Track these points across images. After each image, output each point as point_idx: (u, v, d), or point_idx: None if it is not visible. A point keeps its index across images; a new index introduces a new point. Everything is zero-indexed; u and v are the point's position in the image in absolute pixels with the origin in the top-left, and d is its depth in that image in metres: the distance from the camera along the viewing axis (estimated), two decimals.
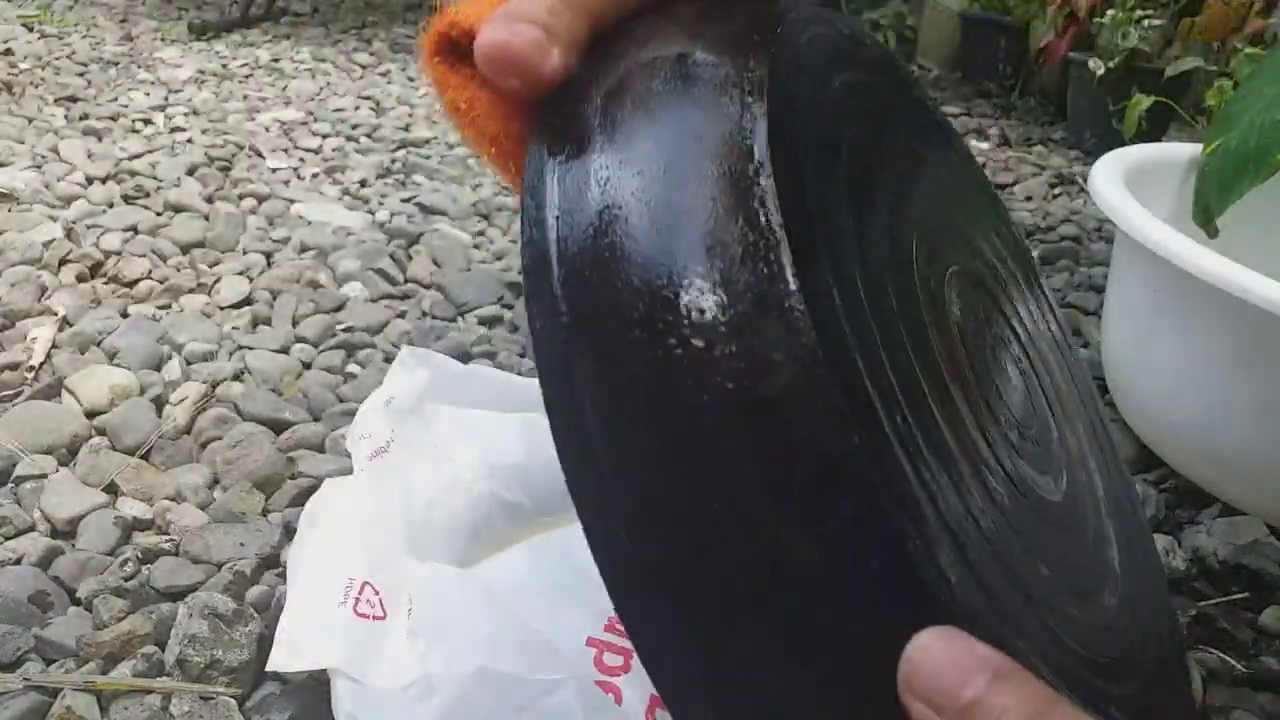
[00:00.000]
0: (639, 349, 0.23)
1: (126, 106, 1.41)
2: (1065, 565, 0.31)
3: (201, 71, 1.62)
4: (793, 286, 0.22)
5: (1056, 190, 1.49)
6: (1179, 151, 0.90)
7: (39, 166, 1.15)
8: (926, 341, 0.29)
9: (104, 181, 1.14)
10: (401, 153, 1.35)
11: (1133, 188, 0.77)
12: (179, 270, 0.96)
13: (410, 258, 1.04)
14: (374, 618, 0.47)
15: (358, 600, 0.47)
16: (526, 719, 0.42)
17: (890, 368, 0.25)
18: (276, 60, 1.74)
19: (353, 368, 0.84)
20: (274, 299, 0.92)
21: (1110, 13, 1.68)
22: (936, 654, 0.22)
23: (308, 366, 0.83)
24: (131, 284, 0.93)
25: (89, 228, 1.02)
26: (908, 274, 0.31)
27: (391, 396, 0.62)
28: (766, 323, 0.22)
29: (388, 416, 0.60)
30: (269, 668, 0.47)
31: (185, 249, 1.00)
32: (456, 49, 0.29)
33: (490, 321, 0.93)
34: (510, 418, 0.62)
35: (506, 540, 0.55)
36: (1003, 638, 0.23)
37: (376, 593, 0.48)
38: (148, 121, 1.36)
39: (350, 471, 0.67)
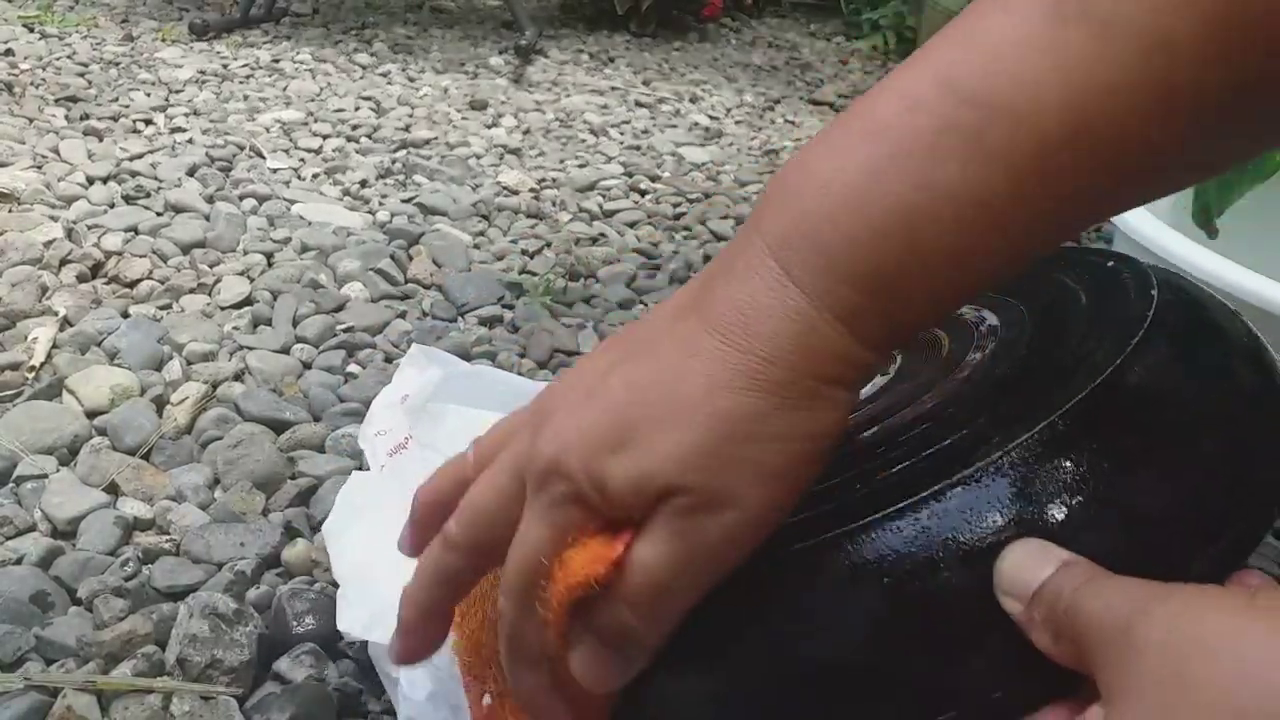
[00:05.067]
0: None
1: (127, 107, 1.41)
2: None
3: (202, 72, 1.62)
4: None
5: None
6: None
7: (40, 167, 1.15)
8: None
9: (105, 182, 1.14)
10: (402, 153, 1.35)
11: None
12: (179, 270, 0.96)
13: (410, 258, 1.04)
14: None
15: None
16: None
17: None
18: (277, 61, 1.74)
19: (353, 368, 0.84)
20: (274, 299, 0.92)
21: None
22: (1016, 556, 0.28)
23: (308, 366, 0.83)
24: (132, 284, 0.93)
25: (90, 228, 1.02)
26: None
27: (406, 394, 0.63)
28: None
29: (404, 413, 0.61)
30: (339, 626, 0.49)
31: (186, 249, 1.00)
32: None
33: (490, 322, 0.93)
34: None
35: None
36: None
37: None
38: (148, 122, 1.36)
39: (351, 470, 0.67)
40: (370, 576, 0.51)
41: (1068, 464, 0.29)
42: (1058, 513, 0.28)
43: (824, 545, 0.30)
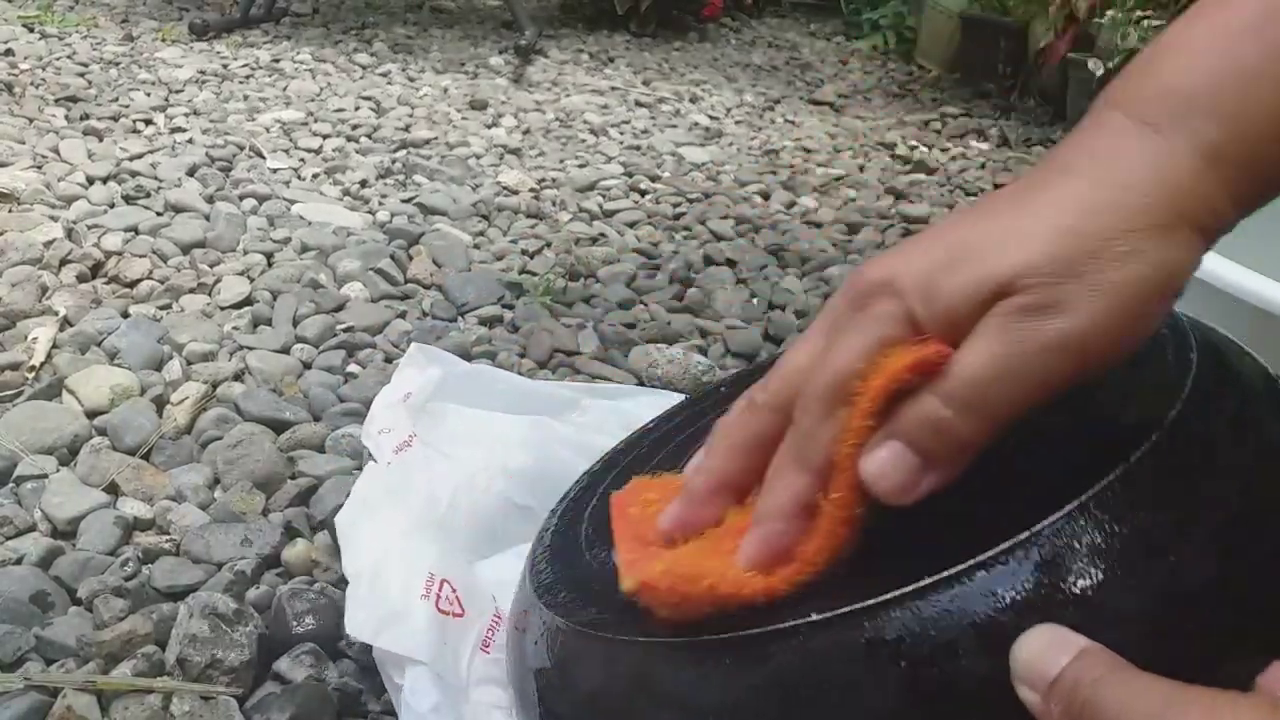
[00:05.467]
0: None
1: (127, 107, 1.41)
2: None
3: (202, 72, 1.62)
4: None
5: None
6: None
7: (40, 167, 1.15)
8: None
9: (105, 181, 1.14)
10: (402, 153, 1.35)
11: None
12: (179, 270, 0.96)
13: (410, 258, 1.04)
14: (454, 615, 0.49)
15: (439, 597, 0.49)
16: None
17: None
18: (277, 60, 1.74)
19: (353, 368, 0.84)
20: (274, 299, 0.92)
21: (1110, 13, 1.68)
22: (1033, 643, 0.26)
23: (308, 366, 0.83)
24: (132, 284, 0.93)
25: (90, 228, 1.02)
26: None
27: (409, 392, 0.63)
28: None
29: (408, 412, 0.61)
30: (347, 630, 0.48)
31: (186, 249, 1.00)
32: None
33: (490, 321, 0.93)
34: (517, 419, 0.62)
35: (520, 539, 0.56)
36: None
37: (454, 590, 0.49)
38: (148, 122, 1.36)
39: (350, 470, 0.67)
40: (381, 576, 0.50)
41: (1096, 547, 0.28)
42: (1085, 596, 0.27)
43: (842, 620, 0.29)
